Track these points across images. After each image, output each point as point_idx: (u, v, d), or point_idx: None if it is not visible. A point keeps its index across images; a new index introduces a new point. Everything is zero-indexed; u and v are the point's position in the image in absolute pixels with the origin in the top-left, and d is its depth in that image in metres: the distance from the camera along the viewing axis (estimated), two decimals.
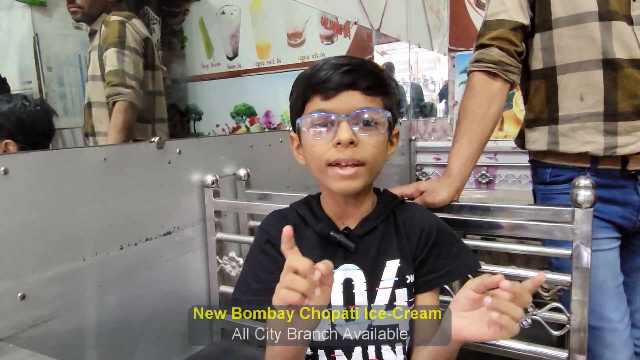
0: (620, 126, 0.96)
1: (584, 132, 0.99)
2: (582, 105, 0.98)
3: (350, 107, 0.68)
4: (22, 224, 0.79)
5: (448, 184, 0.95)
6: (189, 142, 1.14)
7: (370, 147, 0.69)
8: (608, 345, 0.99)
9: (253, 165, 1.30)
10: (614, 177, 0.99)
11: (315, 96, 0.69)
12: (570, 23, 0.98)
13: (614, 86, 0.95)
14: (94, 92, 1.77)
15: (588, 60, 0.97)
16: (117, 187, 0.95)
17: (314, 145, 0.70)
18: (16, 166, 0.77)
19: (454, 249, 0.76)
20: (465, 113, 1.00)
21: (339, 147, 0.67)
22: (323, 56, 2.82)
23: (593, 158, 0.99)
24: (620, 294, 1.01)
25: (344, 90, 0.68)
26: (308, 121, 0.70)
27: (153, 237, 1.04)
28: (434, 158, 2.57)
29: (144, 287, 1.03)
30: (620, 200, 1.00)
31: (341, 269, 0.72)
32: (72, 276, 0.87)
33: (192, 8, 3.27)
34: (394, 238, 0.75)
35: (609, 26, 0.94)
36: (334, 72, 0.68)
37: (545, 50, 1.02)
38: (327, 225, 0.74)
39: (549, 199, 1.08)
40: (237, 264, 1.15)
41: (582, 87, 0.98)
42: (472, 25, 2.47)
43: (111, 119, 1.66)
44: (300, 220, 0.77)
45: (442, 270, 0.75)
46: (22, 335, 0.79)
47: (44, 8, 2.20)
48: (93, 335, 0.92)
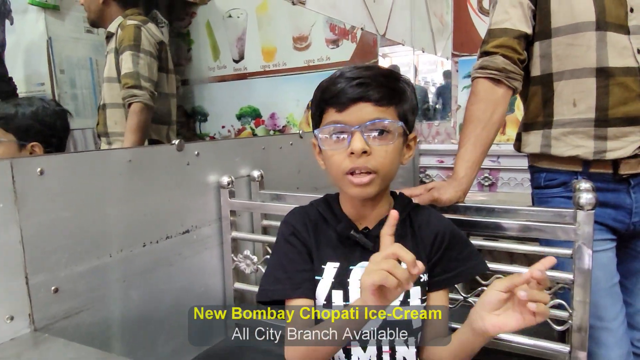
0: (610, 132, 1.00)
1: (575, 137, 1.03)
2: (575, 110, 1.03)
3: (362, 118, 0.72)
4: (57, 222, 0.84)
5: (455, 185, 0.99)
6: (206, 145, 1.19)
7: (382, 156, 0.73)
8: (601, 343, 1.03)
9: (265, 167, 1.34)
10: (606, 180, 1.03)
11: (331, 108, 0.75)
12: (568, 32, 1.02)
13: (605, 93, 0.99)
14: (109, 94, 1.82)
15: (582, 68, 1.01)
16: (140, 187, 1.00)
17: (332, 155, 0.75)
18: (51, 167, 0.82)
19: (465, 252, 0.82)
20: (470, 118, 1.04)
21: (352, 157, 0.72)
22: (328, 60, 2.86)
23: (584, 162, 1.03)
24: (615, 294, 1.05)
25: (356, 102, 0.72)
26: (325, 131, 0.75)
27: (173, 235, 1.09)
28: (438, 160, 2.62)
29: (164, 283, 1.07)
30: (613, 204, 1.04)
31: (359, 266, 0.77)
32: (99, 271, 0.92)
33: (199, 11, 3.32)
34: (410, 239, 0.80)
35: (604, 36, 0.99)
36: (347, 85, 0.73)
37: (544, 57, 1.07)
38: (347, 226, 0.79)
39: (544, 202, 1.12)
40: (252, 261, 1.20)
41: (575, 94, 1.03)
42: (475, 30, 2.52)
43: (127, 120, 1.71)
44: (321, 218, 0.82)
45: (453, 272, 0.80)
46: (55, 326, 0.84)
47: (57, 12, 2.25)
48: (118, 328, 0.97)
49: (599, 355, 1.03)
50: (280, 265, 0.80)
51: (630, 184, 1.03)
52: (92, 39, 2.39)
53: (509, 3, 1.05)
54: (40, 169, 0.80)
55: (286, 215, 0.86)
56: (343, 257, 0.79)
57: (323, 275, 0.78)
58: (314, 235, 0.81)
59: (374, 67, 0.77)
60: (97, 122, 1.90)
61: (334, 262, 0.78)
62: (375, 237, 0.78)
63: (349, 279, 0.77)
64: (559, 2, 1.03)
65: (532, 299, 0.60)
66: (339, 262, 0.78)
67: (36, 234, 0.80)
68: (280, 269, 0.80)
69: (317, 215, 0.83)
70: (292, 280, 0.78)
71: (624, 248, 1.10)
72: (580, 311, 0.87)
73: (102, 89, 1.87)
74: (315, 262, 0.80)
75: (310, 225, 0.82)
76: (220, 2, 3.24)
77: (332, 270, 0.78)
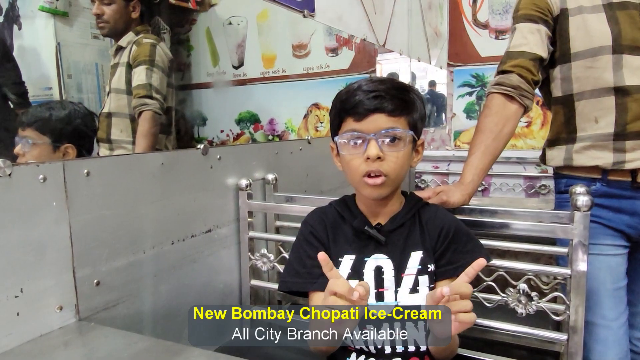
0: (628, 144, 1.08)
1: (595, 150, 1.11)
2: (596, 127, 1.11)
3: (378, 127, 0.82)
4: (99, 220, 0.90)
5: (462, 189, 1.08)
6: (227, 149, 1.26)
7: (394, 161, 0.83)
8: (601, 340, 1.10)
9: (278, 171, 1.42)
10: (623, 188, 1.10)
11: (349, 117, 0.84)
12: (586, 56, 1.10)
13: (624, 110, 1.07)
14: (115, 104, 1.90)
15: (601, 88, 1.09)
16: (170, 189, 1.07)
17: (350, 160, 0.85)
18: (96, 169, 0.89)
19: (468, 245, 0.91)
20: (482, 129, 1.11)
21: (368, 161, 0.82)
22: (328, 67, 2.95)
23: (604, 170, 1.11)
24: (619, 296, 1.12)
25: (373, 113, 0.82)
26: (344, 137, 0.85)
27: (197, 234, 1.16)
28: (433, 166, 2.72)
29: (188, 279, 1.14)
30: (629, 210, 1.11)
31: (372, 258, 0.88)
32: (134, 267, 0.99)
33: (199, 18, 3.39)
34: (418, 233, 0.90)
35: (620, 58, 1.07)
36: (365, 97, 0.82)
37: (564, 80, 1.15)
38: (362, 221, 0.89)
39: (562, 206, 1.19)
40: (268, 259, 1.27)
41: (596, 111, 1.10)
42: (469, 42, 2.63)
43: (138, 127, 1.79)
44: (339, 216, 0.93)
45: (457, 263, 0.88)
46: (96, 316, 0.90)
47: (66, 18, 2.31)
48: (148, 320, 1.03)
49: (598, 352, 1.10)
50: (300, 260, 0.91)
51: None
52: (99, 45, 2.45)
53: (527, 30, 1.13)
54: (87, 170, 0.87)
55: (307, 215, 0.96)
56: (358, 250, 0.89)
57: (340, 267, 0.88)
58: (332, 232, 0.91)
59: (387, 81, 0.86)
60: (97, 128, 1.97)
61: (351, 254, 0.88)
62: (387, 232, 0.88)
63: (364, 269, 0.87)
64: (576, 28, 1.11)
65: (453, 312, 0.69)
66: (355, 254, 0.88)
67: (82, 231, 0.87)
68: (300, 264, 0.90)
69: (335, 213, 0.93)
70: (310, 274, 0.88)
71: (635, 253, 1.17)
72: (577, 302, 0.96)
73: (107, 97, 1.94)
74: (333, 256, 0.89)
75: (329, 223, 0.92)
76: (221, 9, 3.31)
77: (348, 262, 0.88)
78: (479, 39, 2.59)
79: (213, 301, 1.22)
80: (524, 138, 2.53)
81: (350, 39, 2.77)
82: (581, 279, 0.96)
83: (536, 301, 0.99)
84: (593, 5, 1.11)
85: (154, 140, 1.80)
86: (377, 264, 0.87)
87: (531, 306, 0.99)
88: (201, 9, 3.37)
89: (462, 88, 2.66)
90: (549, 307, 0.99)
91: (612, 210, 1.12)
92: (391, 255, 0.87)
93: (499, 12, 2.54)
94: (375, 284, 0.87)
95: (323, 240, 0.91)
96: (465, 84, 2.64)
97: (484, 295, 1.03)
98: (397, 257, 0.87)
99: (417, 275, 0.87)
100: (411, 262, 0.87)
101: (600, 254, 1.12)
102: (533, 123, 2.51)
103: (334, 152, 0.92)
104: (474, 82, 2.62)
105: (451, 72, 2.67)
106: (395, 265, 0.87)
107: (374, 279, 0.87)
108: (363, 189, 0.85)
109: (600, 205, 1.12)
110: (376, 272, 0.87)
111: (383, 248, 0.88)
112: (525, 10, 1.16)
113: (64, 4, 2.31)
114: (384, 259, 0.87)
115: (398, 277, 0.86)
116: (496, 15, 2.55)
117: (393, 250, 0.88)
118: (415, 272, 0.87)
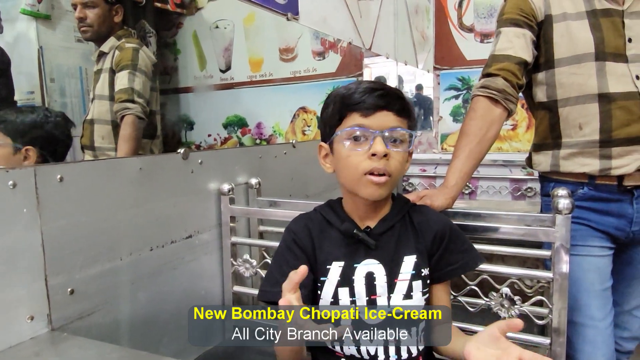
0: (614, 151, 1.08)
1: (582, 157, 1.11)
2: (581, 133, 1.11)
3: (385, 125, 0.80)
4: (74, 226, 0.88)
5: (445, 193, 1.07)
6: (208, 154, 1.25)
7: (397, 161, 0.81)
8: (589, 340, 1.10)
9: (261, 175, 1.40)
10: (611, 191, 1.11)
11: (354, 113, 0.81)
12: (570, 63, 1.11)
13: (609, 117, 1.08)
14: (98, 110, 1.88)
15: (586, 95, 1.10)
16: (149, 194, 1.05)
17: (350, 155, 0.81)
18: (70, 174, 0.86)
19: (464, 246, 0.89)
20: (466, 132, 1.11)
21: (374, 158, 0.79)
22: (315, 71, 2.95)
23: (591, 176, 1.12)
24: (606, 297, 1.13)
25: (380, 110, 0.80)
26: (348, 133, 0.81)
27: (177, 240, 1.14)
28: (420, 170, 2.72)
29: (168, 286, 1.12)
30: (616, 213, 1.12)
31: (363, 264, 0.83)
32: (111, 274, 0.96)
33: (185, 22, 3.37)
34: (411, 236, 0.86)
35: (603, 65, 1.08)
36: (370, 95, 0.80)
37: (548, 85, 1.16)
38: (350, 225, 0.85)
39: (549, 208, 1.20)
40: (251, 265, 1.25)
41: (580, 118, 1.11)
42: (455, 45, 2.64)
43: (120, 132, 1.77)
44: (325, 222, 0.89)
45: (455, 264, 0.86)
46: (70, 326, 0.88)
47: (49, 21, 2.28)
48: (126, 329, 1.01)
49: (586, 352, 1.10)
50: (281, 269, 0.85)
51: (633, 194, 1.11)
52: (83, 48, 2.41)
53: (513, 34, 1.14)
54: (60, 175, 0.85)
55: (290, 222, 0.92)
56: (348, 256, 0.85)
57: (328, 276, 0.84)
58: (318, 239, 0.87)
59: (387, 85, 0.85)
60: (82, 135, 1.95)
61: (339, 261, 0.84)
62: (377, 235, 0.85)
63: (354, 277, 0.83)
64: (560, 35, 1.12)
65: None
66: (344, 261, 0.84)
67: (55, 238, 0.84)
68: (280, 273, 0.84)
69: (320, 219, 0.90)
70: None
71: (620, 254, 1.18)
72: (559, 306, 0.95)
73: (91, 103, 1.92)
74: (320, 264, 0.85)
75: (314, 229, 0.88)
76: (208, 13, 3.30)
77: (337, 270, 0.84)
78: (465, 43, 2.60)
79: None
80: (509, 141, 2.54)
81: (336, 43, 2.77)
82: (563, 282, 0.95)
83: (519, 305, 0.98)
84: (577, 12, 1.12)
85: (136, 145, 1.77)
86: (368, 270, 0.83)
87: (514, 310, 0.98)
88: (188, 12, 3.35)
89: (448, 91, 2.67)
90: (532, 310, 0.99)
91: (599, 213, 1.13)
92: (382, 260, 0.84)
93: (484, 16, 2.55)
94: (367, 291, 0.83)
95: (307, 248, 0.86)
96: (451, 87, 2.65)
97: (467, 299, 1.02)
98: (389, 261, 0.84)
99: (410, 280, 0.83)
100: (405, 267, 0.84)
101: (588, 255, 1.13)
102: (518, 126, 2.52)
103: (322, 154, 0.88)
104: (460, 86, 2.63)
105: (437, 75, 2.68)
106: (387, 271, 0.83)
107: (365, 286, 0.83)
108: (363, 188, 0.81)
109: (588, 208, 1.12)
110: (367, 279, 0.83)
111: (373, 253, 0.84)
112: (511, 15, 1.16)
113: (46, 7, 2.28)
114: (375, 264, 0.84)
115: (391, 283, 0.83)
116: (481, 19, 2.56)
117: (384, 254, 0.84)
118: (409, 278, 0.83)
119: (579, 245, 1.12)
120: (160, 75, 3.18)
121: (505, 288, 0.99)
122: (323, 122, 0.87)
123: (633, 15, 1.10)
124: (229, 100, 3.29)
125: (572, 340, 1.10)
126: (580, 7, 1.12)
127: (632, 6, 1.10)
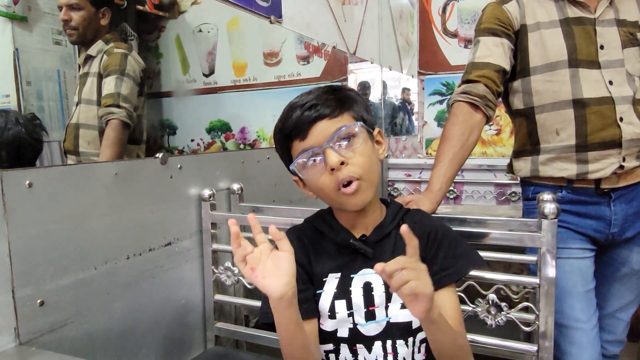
0: (590, 155, 1.10)
1: (560, 162, 1.13)
2: (558, 139, 1.13)
3: (325, 135, 0.76)
4: (44, 235, 0.84)
5: (430, 197, 1.06)
6: (188, 158, 1.21)
7: (359, 159, 0.77)
8: (575, 342, 1.11)
9: (244, 180, 1.37)
10: (589, 194, 1.13)
11: (294, 141, 0.79)
12: (544, 70, 1.13)
13: (583, 122, 1.10)
14: (84, 115, 1.84)
15: (560, 101, 1.12)
16: (125, 200, 1.01)
17: (316, 180, 0.78)
18: (39, 180, 0.82)
19: (459, 249, 0.85)
20: (449, 137, 1.11)
21: (334, 172, 0.76)
22: (299, 75, 2.92)
23: (569, 180, 1.14)
24: (590, 298, 1.14)
25: (313, 124, 0.77)
26: (299, 164, 0.79)
27: (155, 248, 1.10)
28: (405, 174, 2.71)
29: (146, 296, 1.08)
30: (594, 215, 1.14)
31: (360, 274, 0.81)
32: (84, 284, 0.92)
33: (168, 25, 3.32)
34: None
35: (576, 72, 1.10)
36: (299, 113, 0.77)
37: (525, 93, 1.18)
38: (346, 235, 0.83)
39: (530, 212, 1.21)
40: (233, 273, 1.22)
41: (557, 124, 1.13)
42: (439, 50, 2.65)
43: (104, 136, 1.73)
44: (318, 234, 0.86)
45: (450, 269, 0.82)
46: (39, 340, 0.83)
47: (25, 23, 2.21)
48: (101, 341, 0.97)
49: (573, 354, 1.11)
50: None
51: (611, 197, 1.13)
52: (61, 51, 2.35)
53: (491, 42, 1.16)
54: (29, 181, 0.81)
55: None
56: (344, 266, 0.82)
57: (325, 288, 0.82)
58: (313, 252, 0.84)
59: (315, 90, 0.82)
60: (65, 139, 1.90)
61: (336, 273, 0.82)
62: (374, 243, 0.83)
63: (351, 288, 0.80)
64: (534, 43, 1.14)
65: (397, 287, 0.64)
66: (340, 272, 0.82)
67: (23, 247, 0.80)
68: None
69: (313, 231, 0.87)
70: None
71: (601, 255, 1.20)
72: (546, 312, 0.94)
73: (75, 107, 1.87)
74: (316, 276, 0.83)
75: (308, 242, 0.85)
76: (191, 16, 3.25)
77: (334, 282, 0.81)
78: (449, 48, 2.61)
79: (174, 318, 1.16)
80: (494, 146, 2.55)
81: (320, 47, 2.75)
82: (550, 287, 0.94)
83: (505, 312, 0.97)
84: (550, 21, 1.14)
85: (120, 150, 1.73)
86: (366, 280, 0.81)
87: (501, 317, 0.97)
88: (171, 15, 3.30)
89: (432, 96, 2.67)
90: (519, 317, 0.97)
91: (578, 216, 1.14)
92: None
93: (467, 22, 2.56)
94: (365, 302, 0.80)
95: (304, 262, 0.83)
96: (435, 92, 2.65)
97: None
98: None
99: None
100: None
101: (570, 257, 1.14)
102: (503, 131, 2.53)
103: (300, 185, 0.85)
104: (445, 91, 2.64)
105: (422, 80, 2.68)
106: (384, 280, 0.78)
107: (362, 297, 0.80)
108: (344, 203, 0.79)
109: (568, 211, 1.14)
110: (365, 289, 0.81)
111: (371, 262, 0.81)
112: (489, 24, 1.18)
113: (22, 8, 2.21)
114: (372, 274, 0.81)
115: (388, 292, 0.80)
116: (465, 25, 2.57)
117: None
118: None
119: (560, 248, 1.11)
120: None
121: (492, 294, 0.98)
122: (280, 158, 0.85)
123: (604, 22, 1.12)
124: (212, 105, 3.25)
125: (558, 342, 1.10)
126: (554, 16, 1.14)
127: (603, 14, 1.13)
